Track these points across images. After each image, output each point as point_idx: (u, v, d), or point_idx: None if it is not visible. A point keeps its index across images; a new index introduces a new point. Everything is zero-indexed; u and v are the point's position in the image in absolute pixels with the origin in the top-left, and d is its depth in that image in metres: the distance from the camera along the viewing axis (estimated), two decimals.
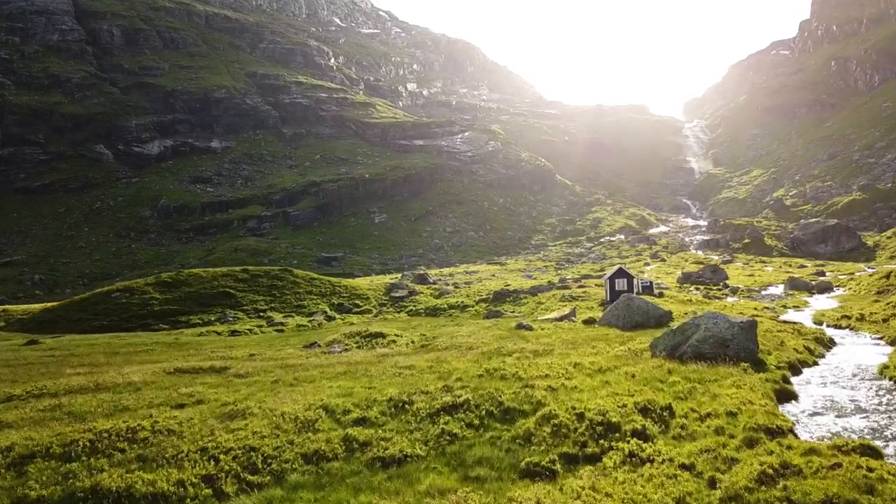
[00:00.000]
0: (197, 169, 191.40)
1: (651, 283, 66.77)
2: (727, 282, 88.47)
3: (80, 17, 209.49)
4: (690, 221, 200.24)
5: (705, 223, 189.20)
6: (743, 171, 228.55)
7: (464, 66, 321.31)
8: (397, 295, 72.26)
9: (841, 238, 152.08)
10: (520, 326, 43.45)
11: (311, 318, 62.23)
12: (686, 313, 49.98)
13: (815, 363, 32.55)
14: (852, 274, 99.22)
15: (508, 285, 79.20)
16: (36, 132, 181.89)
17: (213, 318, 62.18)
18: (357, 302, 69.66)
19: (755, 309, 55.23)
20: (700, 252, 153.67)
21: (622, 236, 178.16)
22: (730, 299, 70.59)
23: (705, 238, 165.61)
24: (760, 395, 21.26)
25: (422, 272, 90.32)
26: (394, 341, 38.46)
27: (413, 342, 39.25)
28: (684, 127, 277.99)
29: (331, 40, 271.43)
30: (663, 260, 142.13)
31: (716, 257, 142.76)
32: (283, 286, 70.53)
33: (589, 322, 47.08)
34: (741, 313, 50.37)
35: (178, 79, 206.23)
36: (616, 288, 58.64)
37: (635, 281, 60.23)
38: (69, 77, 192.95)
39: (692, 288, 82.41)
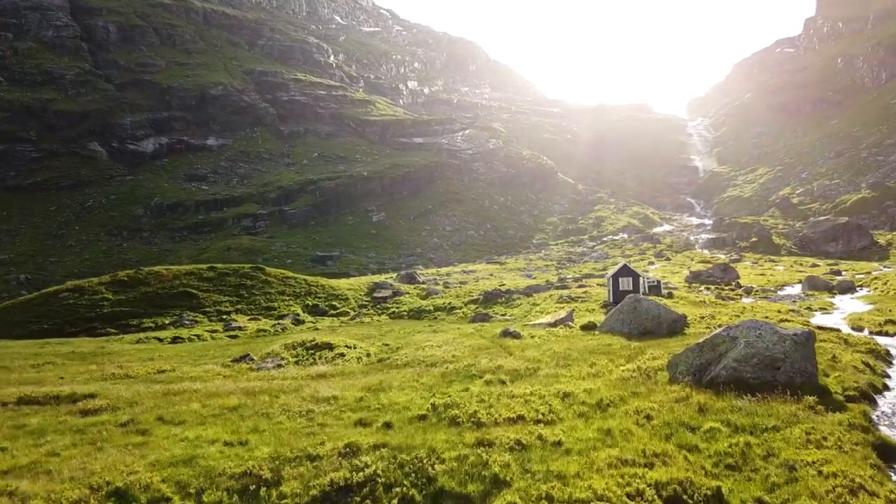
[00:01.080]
0: (192, 167, 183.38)
1: (659, 282, 58.05)
2: (739, 281, 79.81)
3: (76, 13, 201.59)
4: (695, 220, 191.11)
5: (710, 222, 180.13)
6: (748, 169, 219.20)
7: (465, 65, 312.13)
8: (380, 295, 63.70)
9: (852, 236, 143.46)
10: (505, 333, 34.88)
11: (278, 322, 53.85)
12: (702, 317, 41.35)
13: (885, 387, 23.91)
14: (869, 273, 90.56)
15: (503, 285, 70.70)
16: (28, 129, 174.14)
17: (167, 322, 53.93)
18: (334, 303, 61.15)
19: (779, 311, 46.54)
20: (706, 251, 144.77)
21: (625, 235, 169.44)
22: (745, 300, 61.94)
23: (711, 237, 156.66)
24: (862, 462, 12.69)
25: (411, 271, 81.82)
26: (342, 355, 29.99)
27: (369, 355, 30.80)
28: (688, 125, 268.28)
29: (331, 38, 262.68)
30: (668, 259, 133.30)
31: (723, 256, 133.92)
32: (252, 286, 62.08)
33: (588, 328, 38.39)
34: (766, 317, 41.83)
35: (175, 76, 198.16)
36: (620, 288, 49.94)
37: (641, 280, 51.48)
38: (63, 73, 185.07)
39: (702, 288, 73.78)
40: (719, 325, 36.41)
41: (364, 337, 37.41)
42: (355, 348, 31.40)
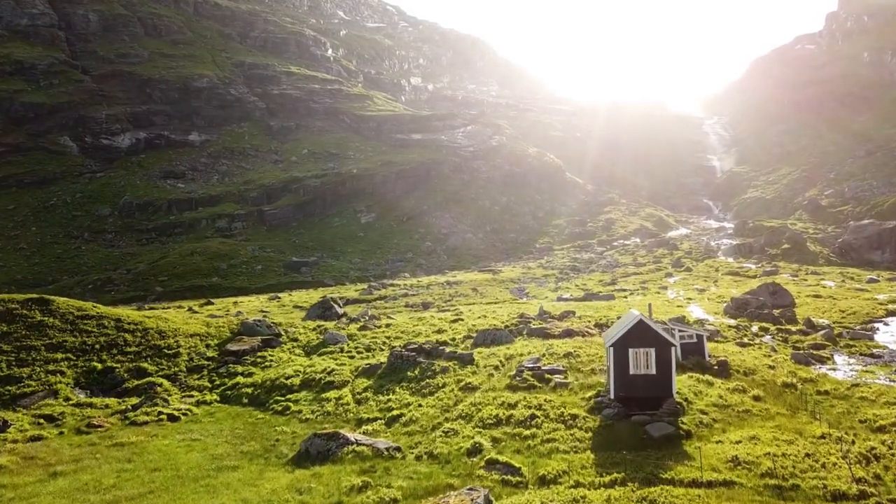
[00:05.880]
0: (170, 163, 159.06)
1: (701, 337, 31.08)
2: (803, 313, 53.01)
3: (54, 1, 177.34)
4: (713, 223, 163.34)
5: (731, 225, 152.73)
6: (769, 169, 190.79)
7: (473, 62, 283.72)
8: (236, 349, 38.25)
9: None
10: None
11: None
12: None
13: None
14: None
15: (458, 319, 44.76)
16: None
17: None
18: (145, 364, 35.85)
19: None
20: (731, 259, 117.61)
21: (638, 239, 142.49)
22: (841, 360, 35.55)
23: (735, 242, 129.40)
24: None
25: (327, 299, 55.62)
26: None
27: None
28: (704, 123, 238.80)
29: (331, 32, 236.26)
30: (689, 270, 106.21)
31: (753, 266, 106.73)
32: (6, 334, 36.34)
33: None
34: None
35: (157, 67, 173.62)
36: (631, 368, 23.40)
37: (673, 352, 24.16)
38: (35, 63, 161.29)
39: (754, 327, 47.18)
40: None
41: None
42: None
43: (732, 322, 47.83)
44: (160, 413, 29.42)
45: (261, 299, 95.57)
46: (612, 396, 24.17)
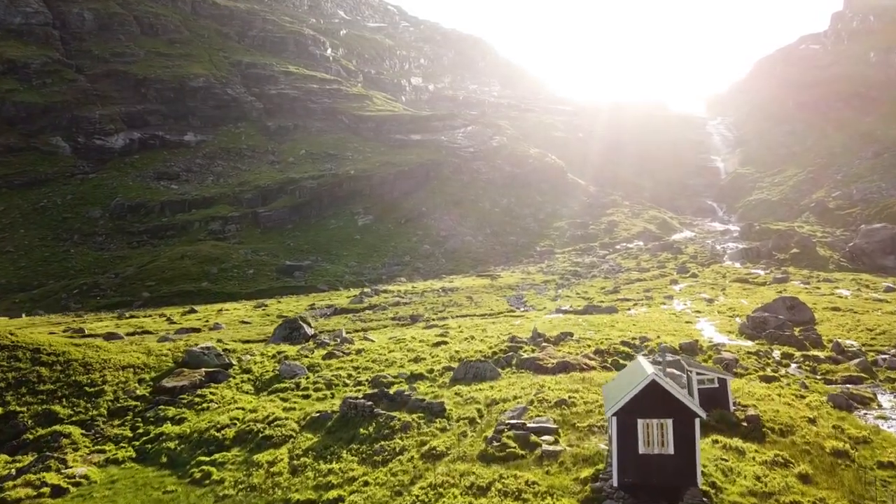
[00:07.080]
0: (165, 164, 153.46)
1: (725, 381, 24.98)
2: (820, 328, 47.20)
3: None
4: (718, 226, 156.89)
5: (737, 228, 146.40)
6: (775, 170, 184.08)
7: (474, 62, 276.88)
8: (173, 385, 32.29)
9: None
10: None
11: None
12: None
13: None
14: None
15: (444, 340, 38.75)
16: None
17: None
18: (58, 408, 29.91)
19: None
20: (738, 264, 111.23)
21: (641, 242, 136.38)
22: (894, 413, 29.41)
23: (741, 246, 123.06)
24: None
25: (297, 319, 49.63)
26: None
27: None
28: (707, 124, 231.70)
29: (331, 31, 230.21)
30: (694, 276, 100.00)
31: (761, 272, 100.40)
32: None
33: None
34: None
35: (153, 66, 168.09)
36: (641, 447, 16.94)
37: (699, 422, 17.73)
38: (28, 62, 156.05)
39: (776, 353, 41.43)
40: None
41: None
42: None
43: (751, 345, 41.78)
44: (44, 484, 23.59)
45: (247, 307, 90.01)
46: (614, 483, 17.97)
